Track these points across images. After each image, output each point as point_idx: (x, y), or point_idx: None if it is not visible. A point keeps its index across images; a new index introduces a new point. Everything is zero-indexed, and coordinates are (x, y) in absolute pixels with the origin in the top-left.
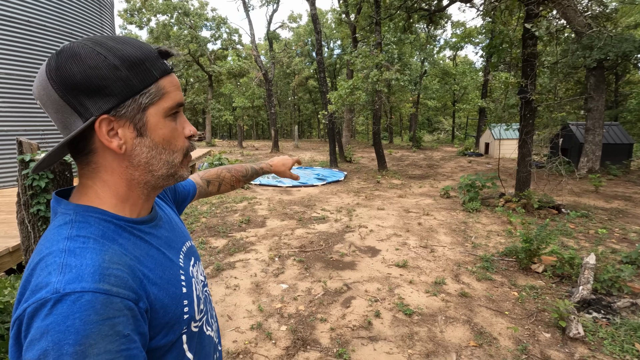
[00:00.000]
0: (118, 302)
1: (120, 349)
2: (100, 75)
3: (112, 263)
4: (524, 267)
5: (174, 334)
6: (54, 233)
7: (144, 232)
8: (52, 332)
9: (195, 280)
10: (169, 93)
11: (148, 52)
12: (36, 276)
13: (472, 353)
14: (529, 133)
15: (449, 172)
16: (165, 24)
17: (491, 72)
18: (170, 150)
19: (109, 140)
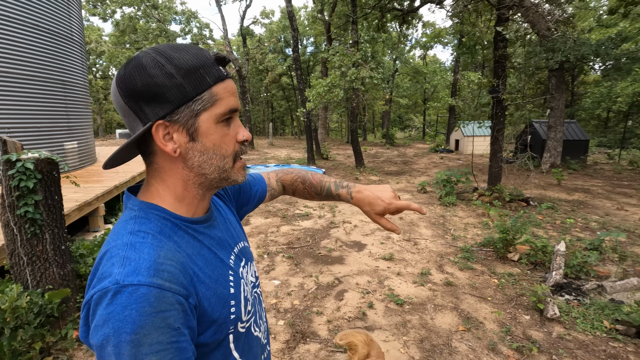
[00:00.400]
0: (170, 297)
1: (171, 340)
2: (157, 83)
3: (166, 259)
4: (501, 256)
5: (220, 332)
6: (121, 227)
7: (197, 231)
8: (112, 320)
9: (245, 281)
10: (221, 99)
11: (204, 60)
12: (102, 265)
13: (462, 337)
14: (500, 130)
15: (423, 168)
16: (131, 17)
17: (460, 71)
18: (220, 155)
19: (164, 143)
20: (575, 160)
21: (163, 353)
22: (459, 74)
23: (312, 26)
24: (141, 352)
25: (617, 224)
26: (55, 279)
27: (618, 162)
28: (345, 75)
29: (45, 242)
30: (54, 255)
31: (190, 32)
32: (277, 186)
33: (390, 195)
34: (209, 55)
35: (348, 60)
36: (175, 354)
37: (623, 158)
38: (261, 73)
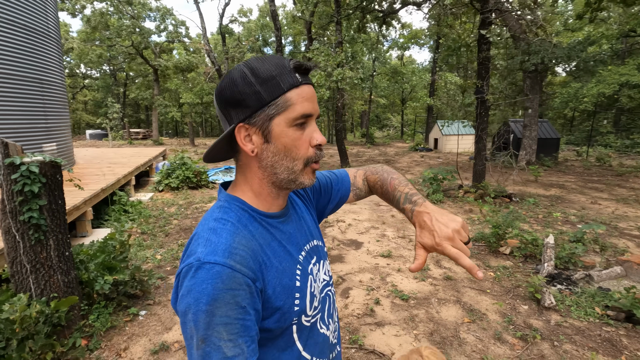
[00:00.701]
0: (239, 277)
1: (237, 317)
2: (240, 91)
3: (240, 245)
4: (493, 250)
5: (284, 321)
6: (209, 213)
7: (271, 225)
8: (193, 292)
9: (313, 278)
10: (294, 104)
11: (281, 68)
12: (191, 245)
13: (469, 328)
14: (484, 130)
15: (405, 166)
16: (103, 13)
17: (438, 72)
18: (290, 158)
19: (244, 144)
20: (548, 157)
21: (230, 326)
22: (436, 75)
23: (291, 25)
24: (213, 321)
25: (593, 217)
26: (60, 287)
27: (586, 158)
28: (330, 75)
29: (50, 248)
30: (58, 262)
31: (166, 29)
32: (364, 186)
33: (446, 235)
34: (288, 64)
35: (333, 61)
36: (241, 330)
37: (590, 155)
38: None
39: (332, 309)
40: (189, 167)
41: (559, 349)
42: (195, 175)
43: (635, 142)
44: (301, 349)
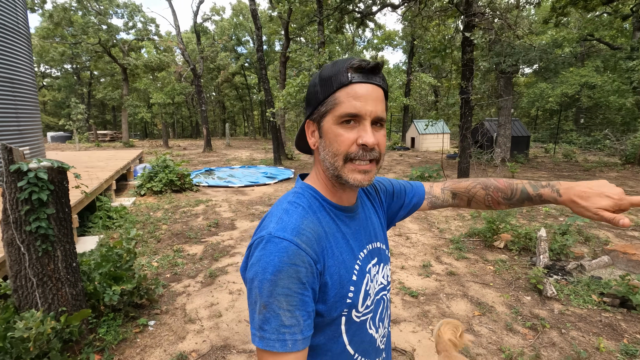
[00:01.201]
0: (303, 255)
1: (297, 291)
2: (310, 91)
3: (308, 228)
4: (488, 245)
5: (335, 310)
6: (284, 197)
7: (338, 217)
8: (262, 261)
9: (370, 277)
10: (341, 103)
11: (338, 68)
12: (265, 221)
13: (480, 321)
14: (468, 128)
15: (387, 165)
16: (65, 8)
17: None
18: (332, 153)
19: (309, 138)
20: (520, 154)
21: (290, 298)
22: (411, 75)
23: (266, 25)
24: (276, 291)
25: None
26: (68, 300)
27: (554, 155)
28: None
29: (57, 259)
30: (65, 274)
31: (135, 27)
32: (443, 195)
33: (618, 191)
34: (346, 64)
35: (317, 61)
36: (299, 303)
37: (557, 152)
38: (212, 72)
39: (384, 313)
40: (172, 169)
41: (566, 336)
42: (179, 178)
43: (595, 138)
44: (347, 342)
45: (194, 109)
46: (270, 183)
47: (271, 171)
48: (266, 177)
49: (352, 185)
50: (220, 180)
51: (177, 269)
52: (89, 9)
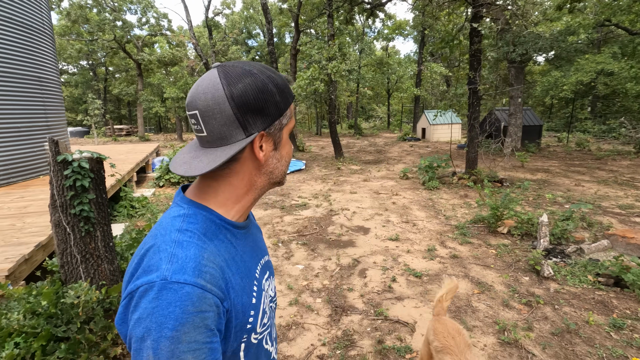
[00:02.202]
0: (210, 298)
1: (206, 341)
2: (264, 98)
3: (209, 261)
4: (492, 231)
5: (236, 340)
6: (168, 222)
7: (236, 237)
8: (156, 315)
9: (265, 294)
10: (292, 116)
11: (286, 81)
12: (148, 258)
13: (479, 298)
14: (476, 119)
15: (397, 156)
16: (81, 6)
17: (424, 62)
18: (286, 162)
19: (258, 152)
20: (532, 144)
21: (198, 352)
22: (422, 65)
23: (276, 17)
24: (179, 349)
25: (578, 197)
26: (107, 275)
27: (567, 144)
28: (325, 68)
29: (97, 239)
30: (104, 252)
31: (148, 22)
32: None
33: None
34: (285, 77)
35: (327, 54)
36: (209, 354)
37: (570, 140)
38: None
39: (273, 325)
40: None
41: (559, 311)
42: None
43: (610, 127)
44: None
45: None
46: None
47: None
48: None
49: (282, 184)
50: None
51: None
52: (104, 5)
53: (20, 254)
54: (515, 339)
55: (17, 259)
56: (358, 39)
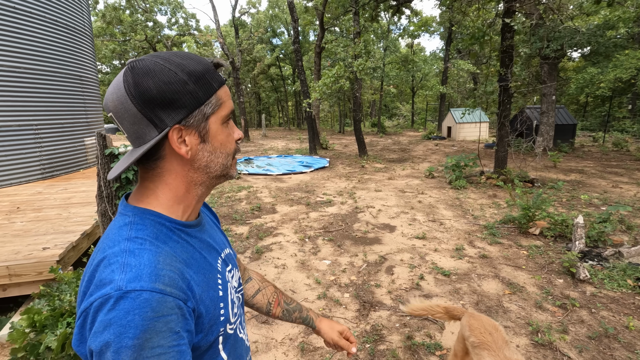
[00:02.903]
0: (171, 301)
1: (172, 344)
2: (173, 89)
3: (165, 264)
4: (522, 231)
5: (212, 334)
6: (115, 233)
7: (190, 235)
8: (114, 326)
9: (230, 285)
10: (225, 102)
11: (207, 66)
12: (100, 272)
13: (511, 299)
14: (507, 117)
15: (422, 155)
16: (115, 7)
17: (450, 59)
18: (225, 154)
19: (178, 147)
20: (565, 143)
21: (164, 356)
22: (449, 62)
23: (301, 15)
24: (142, 355)
25: (616, 199)
26: None
27: (603, 144)
28: (350, 66)
29: None
30: None
31: (177, 22)
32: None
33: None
34: (209, 62)
35: (352, 51)
36: (176, 357)
37: (607, 140)
38: (248, 64)
39: (243, 313)
40: None
41: (596, 315)
42: None
43: None
44: (225, 358)
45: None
46: (307, 171)
47: (307, 160)
48: (302, 165)
49: (232, 177)
50: (259, 169)
51: None
52: (136, 7)
53: (68, 241)
54: (550, 341)
55: (65, 246)
56: (383, 36)
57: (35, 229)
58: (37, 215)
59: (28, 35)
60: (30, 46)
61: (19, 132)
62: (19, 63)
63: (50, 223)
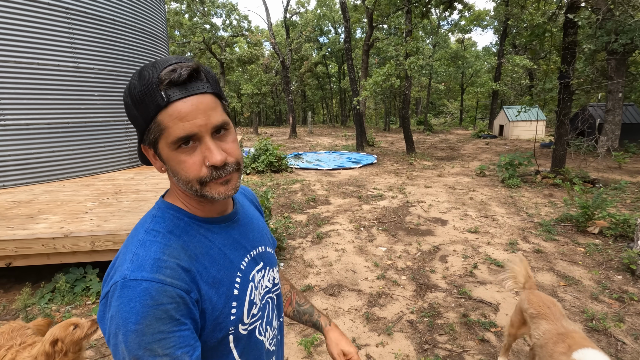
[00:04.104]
0: (171, 291)
1: (172, 330)
2: (127, 112)
3: (171, 257)
4: (580, 230)
5: (219, 332)
6: (140, 223)
7: (211, 231)
8: (121, 312)
9: (254, 285)
10: (167, 128)
11: (148, 86)
12: (120, 258)
13: (565, 290)
14: (566, 115)
15: (472, 153)
16: (177, 12)
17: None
18: (183, 180)
19: (153, 162)
20: (633, 143)
21: (165, 341)
22: (503, 58)
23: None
24: (145, 340)
25: None
26: None
27: None
28: (401, 64)
29: None
30: None
31: (231, 24)
32: None
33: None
34: (155, 79)
35: (403, 50)
36: (178, 341)
37: None
38: (295, 62)
39: (271, 315)
40: (272, 152)
41: None
42: (277, 160)
43: None
44: (237, 356)
45: (277, 99)
46: (355, 167)
47: (355, 156)
48: (351, 161)
49: (219, 199)
50: (309, 164)
51: (290, 230)
52: (195, 11)
53: None
54: (605, 327)
55: None
56: (432, 32)
57: (139, 207)
58: (137, 196)
59: (116, 41)
60: (119, 51)
61: (113, 127)
62: (110, 67)
63: (149, 203)
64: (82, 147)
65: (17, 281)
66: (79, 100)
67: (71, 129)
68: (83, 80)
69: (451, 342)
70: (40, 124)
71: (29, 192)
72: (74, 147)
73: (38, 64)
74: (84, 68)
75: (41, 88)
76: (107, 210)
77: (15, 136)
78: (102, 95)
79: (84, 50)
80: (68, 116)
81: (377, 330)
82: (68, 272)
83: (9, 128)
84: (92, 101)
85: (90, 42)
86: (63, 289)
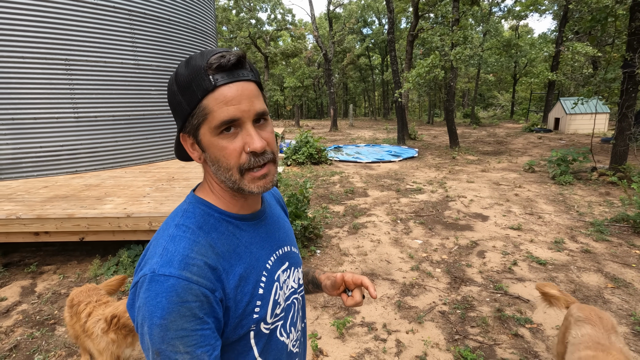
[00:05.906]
0: (196, 289)
1: (195, 328)
2: (172, 100)
3: (199, 254)
4: (638, 232)
5: (241, 328)
6: (171, 217)
7: (240, 228)
8: (148, 305)
9: (279, 285)
10: (212, 112)
11: (196, 71)
12: (150, 250)
13: (613, 292)
14: (630, 107)
15: (521, 148)
16: (225, 8)
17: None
18: (223, 168)
19: (191, 152)
20: None
21: (187, 339)
22: (562, 45)
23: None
24: (168, 335)
25: None
26: None
27: None
28: (446, 55)
29: None
30: None
31: (275, 18)
32: None
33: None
34: (204, 64)
35: (449, 40)
36: (199, 340)
37: None
38: (338, 55)
39: (296, 317)
40: (312, 144)
41: None
42: (317, 152)
43: None
44: (257, 355)
45: (319, 91)
46: (395, 160)
47: (395, 150)
48: (391, 155)
49: (257, 193)
50: (349, 156)
51: (327, 220)
52: (242, 6)
53: None
54: None
55: None
56: (483, 19)
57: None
58: (188, 183)
59: (170, 39)
60: (173, 48)
61: (168, 119)
62: (165, 63)
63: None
64: (141, 137)
65: (87, 255)
66: (138, 94)
67: (132, 121)
68: (142, 76)
69: (483, 334)
70: (106, 116)
71: (97, 177)
72: (134, 137)
73: (105, 62)
74: (143, 65)
75: (107, 83)
76: (162, 194)
77: (87, 127)
78: (158, 89)
79: (143, 49)
80: (129, 109)
81: (408, 318)
82: (129, 248)
83: (81, 120)
84: (149, 95)
85: (148, 40)
86: (125, 263)
